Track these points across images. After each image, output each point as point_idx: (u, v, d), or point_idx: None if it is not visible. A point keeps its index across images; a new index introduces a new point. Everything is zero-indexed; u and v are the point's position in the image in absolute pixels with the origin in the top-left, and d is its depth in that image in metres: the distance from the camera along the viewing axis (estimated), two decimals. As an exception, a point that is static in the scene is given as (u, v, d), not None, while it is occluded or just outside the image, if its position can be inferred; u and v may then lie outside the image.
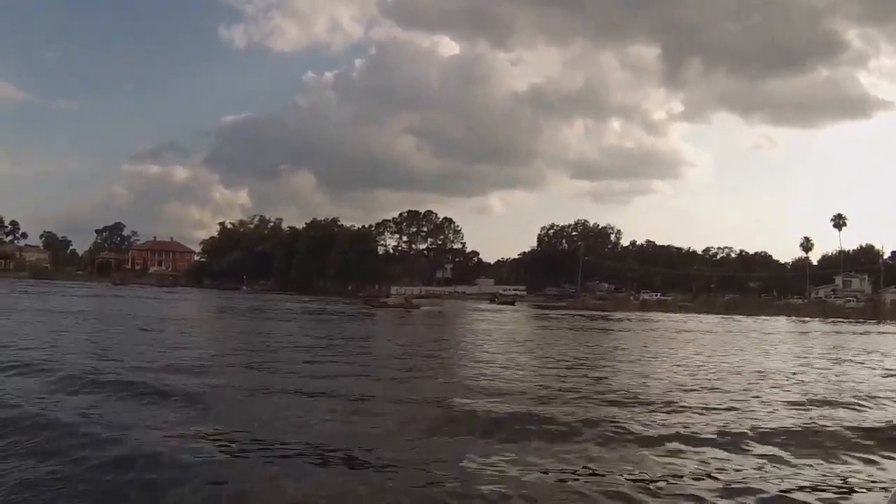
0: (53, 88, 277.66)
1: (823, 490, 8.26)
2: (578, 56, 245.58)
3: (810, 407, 14.16)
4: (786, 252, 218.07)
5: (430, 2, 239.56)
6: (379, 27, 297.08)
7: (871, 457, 9.94)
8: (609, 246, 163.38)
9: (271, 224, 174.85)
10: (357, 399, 13.47)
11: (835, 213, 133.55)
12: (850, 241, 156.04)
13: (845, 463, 9.61)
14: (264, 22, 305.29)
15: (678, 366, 23.24)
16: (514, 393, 14.65)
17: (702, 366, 23.05)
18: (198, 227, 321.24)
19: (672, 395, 14.93)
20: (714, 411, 13.05)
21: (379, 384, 15.99)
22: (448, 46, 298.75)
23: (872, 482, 8.76)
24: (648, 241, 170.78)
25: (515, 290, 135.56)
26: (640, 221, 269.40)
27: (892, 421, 12.55)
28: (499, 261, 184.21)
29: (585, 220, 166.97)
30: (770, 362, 25.86)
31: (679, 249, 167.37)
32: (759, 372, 21.26)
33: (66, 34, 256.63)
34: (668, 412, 12.78)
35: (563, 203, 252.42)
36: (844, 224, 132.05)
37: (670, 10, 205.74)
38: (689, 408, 13.32)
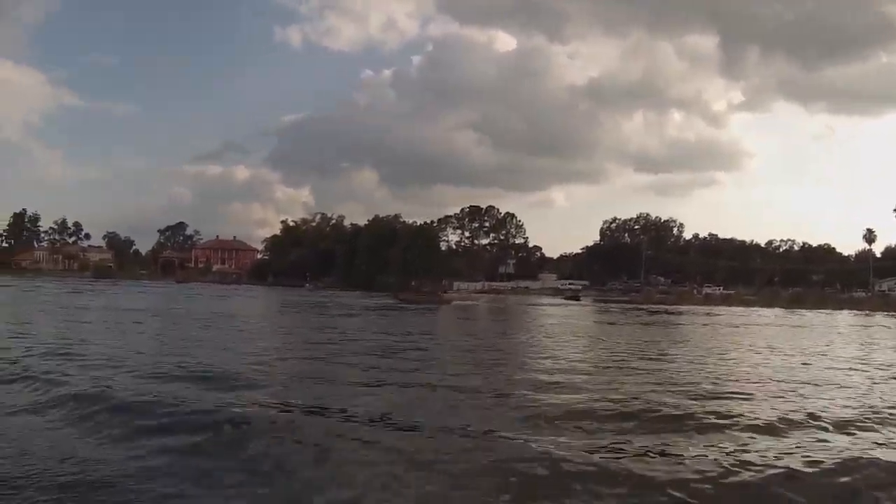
0: (112, 93, 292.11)
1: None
2: (635, 47, 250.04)
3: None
4: (849, 244, 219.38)
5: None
6: (434, 23, 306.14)
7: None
8: (671, 239, 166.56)
9: (333, 221, 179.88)
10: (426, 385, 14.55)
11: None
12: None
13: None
14: (319, 21, 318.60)
15: (745, 360, 23.68)
16: (583, 386, 15.05)
17: (768, 360, 23.39)
18: (260, 225, 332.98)
19: (744, 387, 15.33)
20: (780, 399, 13.65)
21: (446, 376, 16.52)
22: (504, 41, 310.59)
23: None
24: (711, 234, 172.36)
25: (575, 284, 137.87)
26: (702, 214, 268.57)
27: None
28: (561, 255, 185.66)
29: (648, 214, 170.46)
30: (839, 354, 26.63)
31: (742, 242, 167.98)
32: (830, 367, 21.39)
33: (123, 39, 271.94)
34: (745, 403, 13.02)
35: (626, 196, 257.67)
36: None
37: None
38: (763, 399, 13.71)
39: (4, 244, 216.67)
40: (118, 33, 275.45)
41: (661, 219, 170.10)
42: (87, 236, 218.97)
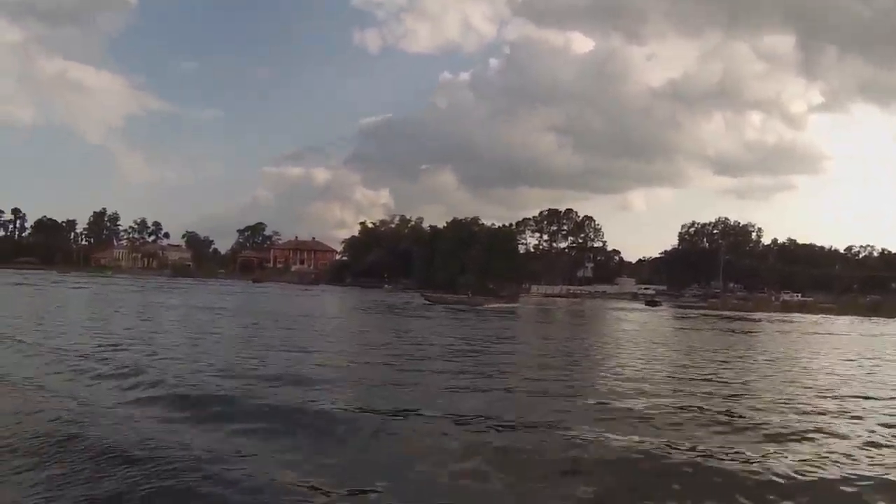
0: (193, 97, 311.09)
1: None
2: (712, 48, 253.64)
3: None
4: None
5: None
6: (511, 26, 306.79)
7: None
8: (750, 245, 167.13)
9: (412, 223, 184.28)
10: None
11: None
12: None
13: None
14: (396, 25, 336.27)
15: (821, 371, 23.17)
16: (660, 390, 15.55)
17: (846, 373, 22.99)
18: (340, 226, 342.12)
19: (821, 402, 15.12)
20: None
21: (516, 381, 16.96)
22: (582, 42, 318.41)
23: None
24: (790, 240, 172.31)
25: (654, 289, 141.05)
26: (780, 218, 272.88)
27: None
28: (640, 259, 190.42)
29: (726, 218, 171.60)
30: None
31: (821, 248, 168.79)
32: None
33: (203, 45, 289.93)
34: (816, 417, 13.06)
35: (705, 199, 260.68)
36: None
37: None
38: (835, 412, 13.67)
39: (84, 242, 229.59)
40: (197, 39, 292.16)
41: (739, 223, 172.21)
42: (167, 235, 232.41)
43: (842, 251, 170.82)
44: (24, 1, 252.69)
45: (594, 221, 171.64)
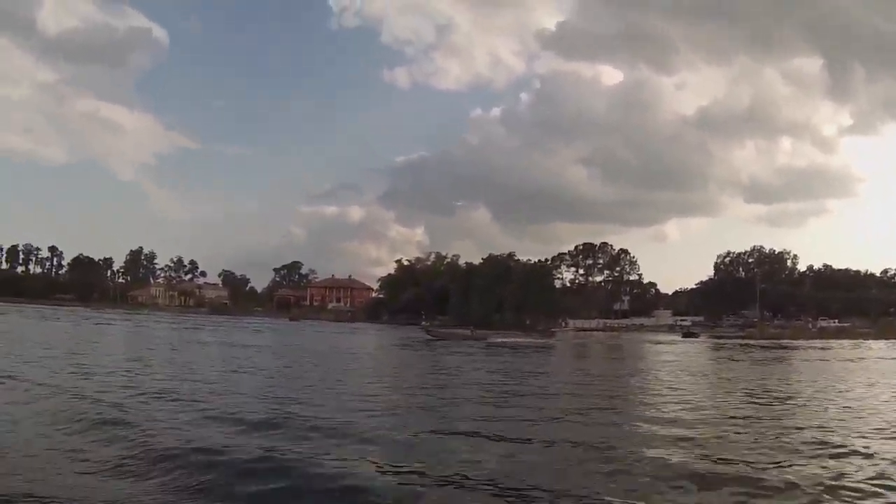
0: (224, 135, 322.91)
1: None
2: (741, 74, 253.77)
3: None
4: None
5: (589, 31, 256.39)
6: (541, 60, 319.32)
7: None
8: (786, 272, 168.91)
9: (447, 260, 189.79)
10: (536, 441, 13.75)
11: None
12: None
13: None
14: (426, 62, 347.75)
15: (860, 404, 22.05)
16: (699, 439, 14.13)
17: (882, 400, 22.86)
18: (375, 264, 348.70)
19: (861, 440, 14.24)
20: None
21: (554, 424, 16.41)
22: (611, 74, 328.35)
23: None
24: (825, 265, 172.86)
25: (691, 320, 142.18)
26: (815, 244, 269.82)
27: None
28: (676, 291, 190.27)
29: (761, 246, 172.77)
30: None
31: (856, 272, 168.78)
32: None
33: (233, 84, 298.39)
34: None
35: (740, 228, 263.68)
36: None
37: (821, 14, 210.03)
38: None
39: (121, 279, 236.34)
40: (227, 78, 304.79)
41: (774, 251, 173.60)
42: (203, 274, 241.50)
43: (878, 274, 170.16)
44: (54, 41, 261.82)
45: (629, 254, 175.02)
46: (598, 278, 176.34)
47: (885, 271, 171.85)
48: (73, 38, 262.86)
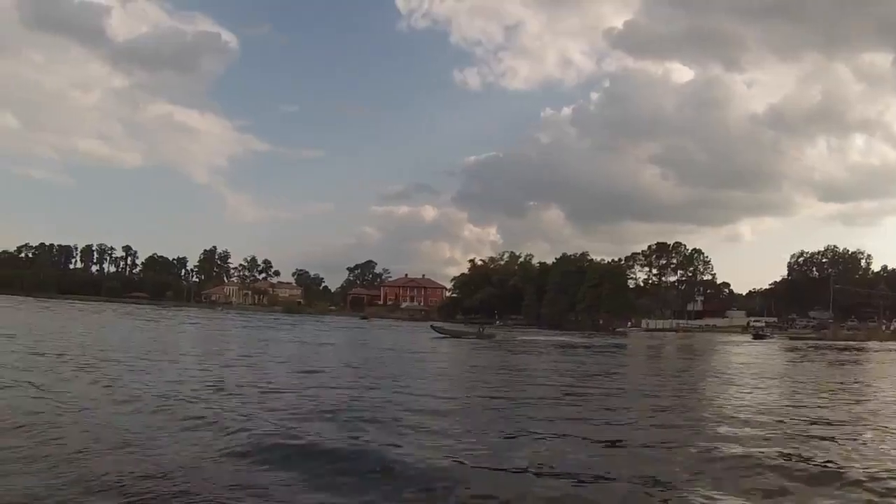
0: (296, 137, 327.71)
1: None
2: (811, 71, 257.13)
3: None
4: None
5: (658, 29, 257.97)
6: (609, 59, 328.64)
7: None
8: (860, 272, 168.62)
9: (521, 260, 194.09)
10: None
11: None
12: None
13: None
14: (495, 63, 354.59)
15: None
16: (768, 437, 13.84)
17: None
18: (449, 264, 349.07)
19: None
20: None
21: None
22: (681, 72, 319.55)
23: None
24: None
25: (764, 321, 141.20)
26: (891, 243, 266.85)
27: None
28: (750, 291, 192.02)
29: (835, 246, 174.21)
30: None
31: None
32: None
33: (304, 86, 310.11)
34: None
35: (813, 227, 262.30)
36: None
37: (891, 8, 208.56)
38: None
39: (195, 279, 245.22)
40: (298, 81, 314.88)
41: (848, 251, 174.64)
42: (277, 273, 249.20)
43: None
44: (126, 48, 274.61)
45: (703, 254, 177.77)
46: (672, 278, 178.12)
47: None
48: (144, 45, 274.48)
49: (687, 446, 12.71)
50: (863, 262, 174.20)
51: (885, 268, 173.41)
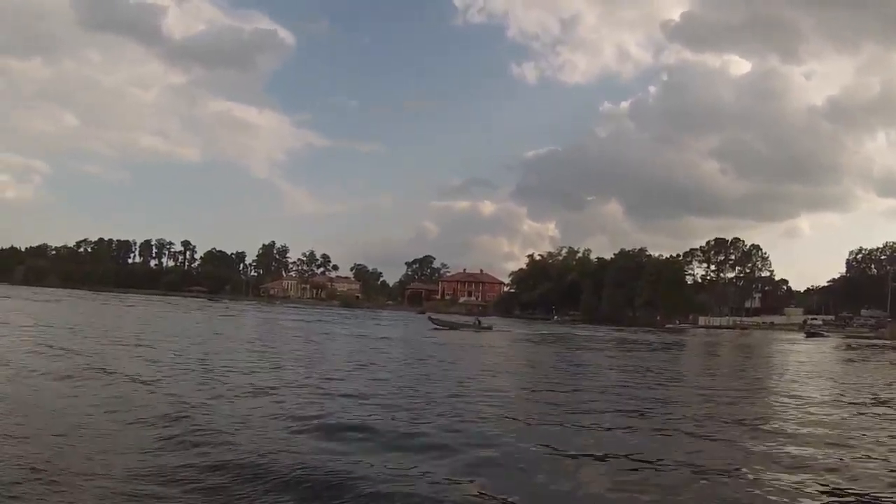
0: (355, 133, 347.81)
1: None
2: (870, 62, 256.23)
3: None
4: None
5: (714, 21, 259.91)
6: (667, 52, 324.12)
7: None
8: None
9: (579, 255, 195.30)
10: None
11: None
12: None
13: None
14: (553, 57, 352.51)
15: None
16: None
17: None
18: (507, 258, 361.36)
19: None
20: None
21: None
22: (738, 64, 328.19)
23: None
24: None
25: (821, 319, 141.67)
26: None
27: None
28: (808, 288, 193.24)
29: (894, 243, 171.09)
30: None
31: None
32: None
33: (361, 81, 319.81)
34: None
35: (872, 222, 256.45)
36: None
37: None
38: None
39: (253, 273, 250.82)
40: (355, 76, 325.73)
41: None
42: (335, 268, 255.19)
43: None
44: (183, 46, 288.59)
45: (761, 250, 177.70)
46: (730, 275, 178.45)
47: None
48: (201, 42, 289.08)
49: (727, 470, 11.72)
50: None
51: None
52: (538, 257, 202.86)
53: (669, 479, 10.78)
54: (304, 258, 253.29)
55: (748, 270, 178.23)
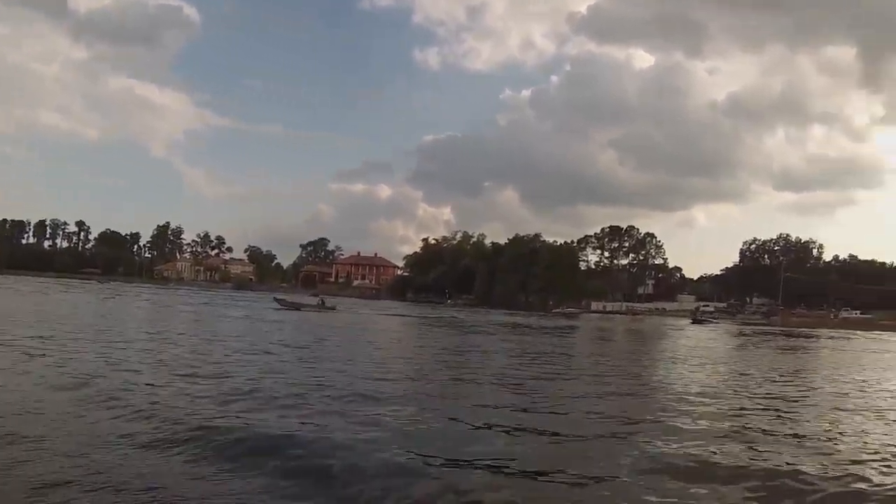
0: (255, 114, 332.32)
1: None
2: (774, 62, 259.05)
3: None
4: None
5: (622, 15, 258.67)
6: (571, 43, 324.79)
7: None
8: (811, 261, 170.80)
9: (474, 240, 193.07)
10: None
11: None
12: None
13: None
14: (457, 44, 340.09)
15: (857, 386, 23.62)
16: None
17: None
18: (403, 242, 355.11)
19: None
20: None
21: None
22: (643, 58, 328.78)
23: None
24: (851, 256, 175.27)
25: (713, 306, 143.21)
26: (842, 234, 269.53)
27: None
28: (701, 276, 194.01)
29: (787, 235, 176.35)
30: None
31: (882, 264, 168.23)
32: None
33: (265, 63, 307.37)
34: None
35: (767, 215, 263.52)
36: None
37: (858, 2, 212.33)
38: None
39: (147, 255, 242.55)
40: (259, 57, 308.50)
41: (800, 240, 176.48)
42: (229, 249, 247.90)
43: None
44: (88, 21, 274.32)
45: (655, 238, 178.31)
46: (624, 261, 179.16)
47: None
48: (105, 18, 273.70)
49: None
50: (815, 252, 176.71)
51: (836, 258, 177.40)
52: (433, 241, 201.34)
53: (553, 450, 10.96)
54: (199, 240, 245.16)
55: (642, 258, 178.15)
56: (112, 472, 8.51)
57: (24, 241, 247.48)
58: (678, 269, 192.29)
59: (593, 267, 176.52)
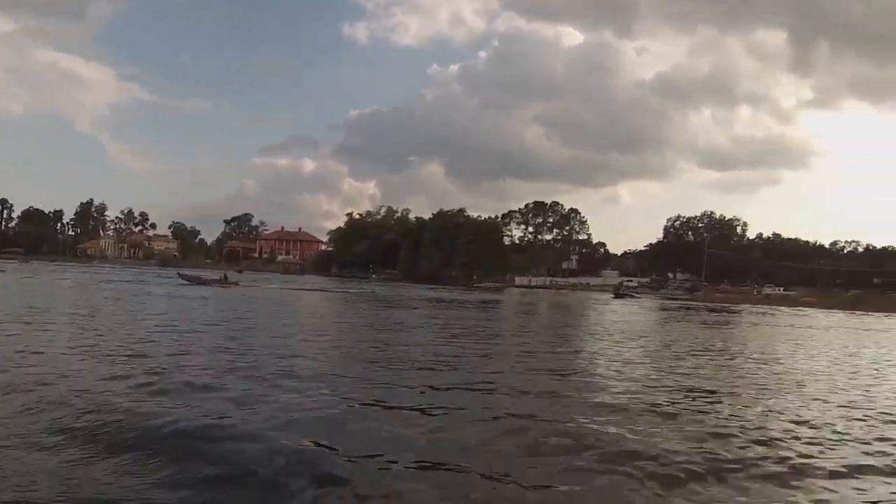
0: (182, 88, 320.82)
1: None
2: (704, 43, 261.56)
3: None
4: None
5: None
6: (500, 19, 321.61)
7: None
8: (735, 238, 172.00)
9: (398, 214, 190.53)
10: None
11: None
12: None
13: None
14: (386, 18, 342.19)
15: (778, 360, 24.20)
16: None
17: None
18: (327, 217, 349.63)
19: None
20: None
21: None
22: (572, 36, 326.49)
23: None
24: (775, 234, 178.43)
25: (637, 281, 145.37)
26: (767, 212, 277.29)
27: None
28: (625, 252, 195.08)
29: (712, 212, 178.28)
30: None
31: (805, 243, 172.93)
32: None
33: (192, 37, 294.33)
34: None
35: (692, 193, 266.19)
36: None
37: None
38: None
39: (71, 232, 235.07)
40: (186, 31, 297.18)
41: (725, 217, 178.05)
42: (153, 226, 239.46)
43: (826, 246, 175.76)
44: None
45: (579, 214, 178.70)
46: (548, 237, 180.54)
47: (834, 243, 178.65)
48: None
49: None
50: (738, 229, 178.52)
51: (759, 235, 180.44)
52: (357, 216, 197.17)
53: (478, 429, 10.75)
54: (123, 216, 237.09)
55: (566, 233, 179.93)
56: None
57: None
58: (602, 244, 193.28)
59: (518, 242, 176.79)
